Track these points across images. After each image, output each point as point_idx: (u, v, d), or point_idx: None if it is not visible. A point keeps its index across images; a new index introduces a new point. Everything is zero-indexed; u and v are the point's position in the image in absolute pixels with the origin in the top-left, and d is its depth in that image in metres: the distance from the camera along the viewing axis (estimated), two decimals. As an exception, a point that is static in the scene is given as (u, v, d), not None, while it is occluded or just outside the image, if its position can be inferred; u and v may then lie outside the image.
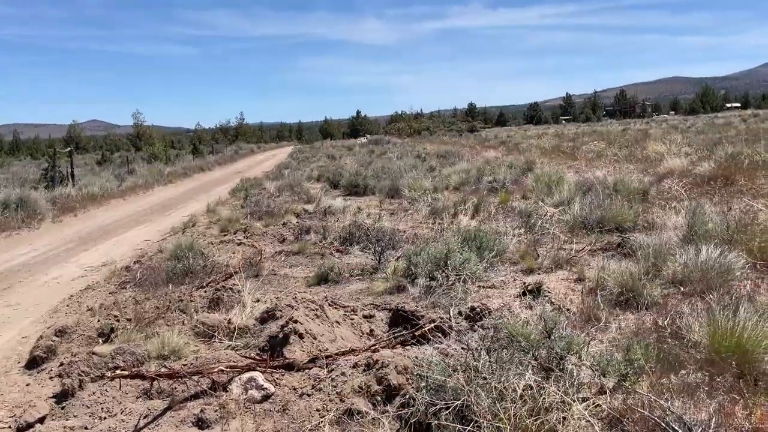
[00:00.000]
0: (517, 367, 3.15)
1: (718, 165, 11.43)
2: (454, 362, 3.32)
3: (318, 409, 3.75)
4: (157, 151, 31.79)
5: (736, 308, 3.93)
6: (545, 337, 3.58)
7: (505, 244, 7.04)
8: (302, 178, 17.65)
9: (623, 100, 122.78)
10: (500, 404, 2.89)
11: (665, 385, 3.24)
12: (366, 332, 5.15)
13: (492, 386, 2.93)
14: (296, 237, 8.76)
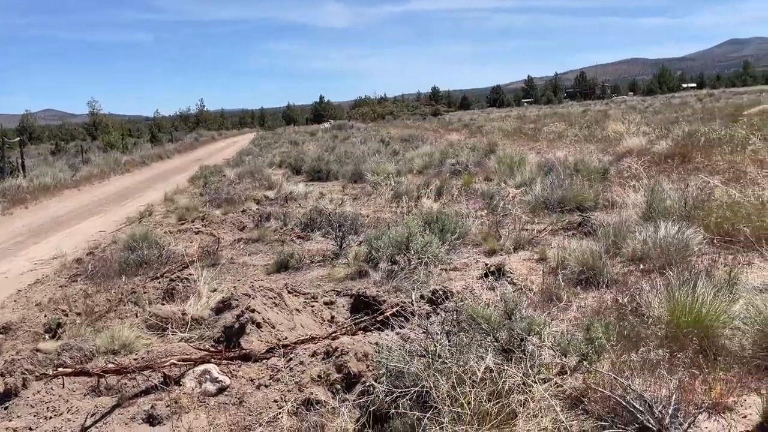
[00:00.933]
0: (477, 350, 3.08)
1: (675, 143, 11.60)
2: (413, 347, 3.23)
3: (276, 400, 3.63)
4: (114, 140, 30.88)
5: (695, 284, 3.93)
6: (506, 319, 3.52)
7: (467, 226, 6.98)
8: (263, 164, 17.34)
9: (583, 82, 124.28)
10: (460, 388, 2.81)
11: (626, 363, 3.21)
12: (327, 319, 5.04)
13: (452, 371, 2.84)
14: (256, 224, 8.57)
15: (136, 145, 35.11)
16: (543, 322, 3.45)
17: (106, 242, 8.71)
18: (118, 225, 10.86)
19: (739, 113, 25.72)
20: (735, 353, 3.56)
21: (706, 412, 3.04)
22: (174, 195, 13.12)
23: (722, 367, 3.35)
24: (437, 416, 2.80)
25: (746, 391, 3.21)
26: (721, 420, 3.00)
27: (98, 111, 73.93)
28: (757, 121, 19.91)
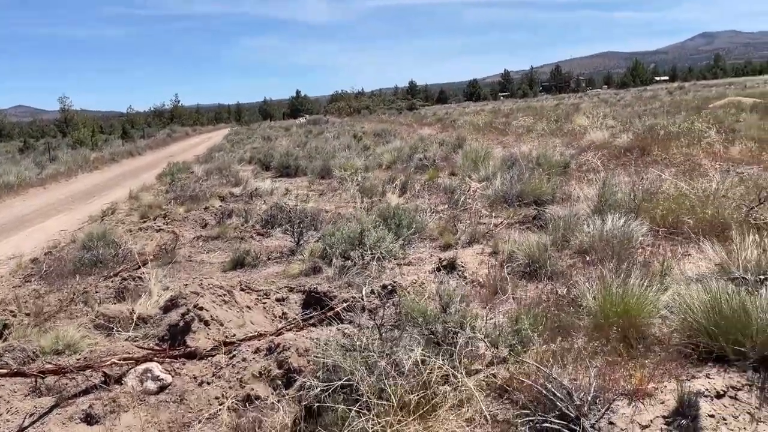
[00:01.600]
0: (407, 343, 3.16)
1: (635, 137, 11.80)
2: (346, 342, 3.30)
3: (217, 397, 3.68)
4: (83, 137, 30.44)
5: (628, 275, 4.06)
6: (442, 312, 3.60)
7: (424, 220, 7.06)
8: (233, 160, 17.26)
9: (558, 75, 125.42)
10: (385, 381, 2.89)
11: (551, 353, 3.32)
12: (278, 315, 5.09)
13: (378, 364, 2.92)
14: (217, 221, 8.56)
15: (107, 142, 34.65)
16: (475, 315, 3.54)
17: (66, 241, 8.64)
18: (81, 224, 10.76)
19: (705, 105, 26.24)
20: (661, 341, 3.70)
21: (626, 398, 3.17)
22: (140, 192, 13.03)
23: (644, 354, 3.48)
24: (364, 409, 2.88)
25: (667, 378, 3.34)
26: (640, 405, 3.12)
27: (69, 107, 72.79)
28: (721, 114, 20.36)
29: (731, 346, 3.40)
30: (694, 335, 3.56)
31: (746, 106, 23.06)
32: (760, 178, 7.39)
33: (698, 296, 3.63)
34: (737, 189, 6.81)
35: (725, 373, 3.37)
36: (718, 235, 5.49)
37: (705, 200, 6.14)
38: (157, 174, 16.79)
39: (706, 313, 3.54)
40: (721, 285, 3.67)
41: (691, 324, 3.59)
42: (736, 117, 18.64)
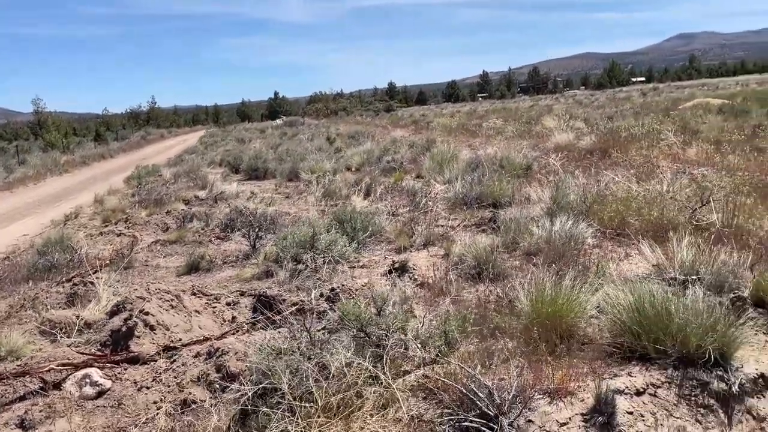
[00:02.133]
0: (339, 346, 3.23)
1: (598, 139, 12.01)
2: (278, 345, 3.36)
3: (155, 401, 3.73)
4: (54, 139, 30.08)
5: (563, 276, 4.17)
6: (377, 314, 3.68)
7: (380, 223, 7.14)
8: (203, 163, 17.21)
9: (536, 76, 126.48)
10: (311, 384, 2.96)
11: (478, 354, 3.41)
12: (228, 320, 5.13)
13: (302, 367, 2.99)
14: (178, 225, 8.56)
15: (80, 145, 34.26)
16: (407, 318, 3.63)
17: (25, 246, 8.58)
18: (44, 228, 10.67)
19: (675, 107, 26.71)
20: (590, 340, 3.82)
21: (548, 396, 3.27)
22: (106, 196, 12.94)
23: (571, 354, 3.59)
24: (289, 411, 2.95)
25: (591, 377, 3.45)
26: (560, 404, 3.22)
27: (43, 109, 71.88)
28: (688, 115, 20.76)
29: (653, 345, 3.52)
30: (620, 335, 3.68)
31: (713, 107, 23.54)
32: (707, 179, 7.59)
33: (624, 297, 3.75)
34: (686, 191, 7.00)
35: (647, 371, 3.49)
36: (661, 236, 5.65)
37: (652, 202, 6.30)
38: (125, 177, 16.67)
39: (631, 313, 3.66)
40: (646, 285, 3.79)
41: (617, 324, 3.72)
42: (702, 118, 19.04)
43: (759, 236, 5.26)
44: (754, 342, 3.79)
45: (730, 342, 3.44)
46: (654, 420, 3.22)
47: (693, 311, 3.53)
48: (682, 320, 3.49)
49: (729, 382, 3.35)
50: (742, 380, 3.39)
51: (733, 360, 3.49)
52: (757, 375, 3.45)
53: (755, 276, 4.17)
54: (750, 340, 3.80)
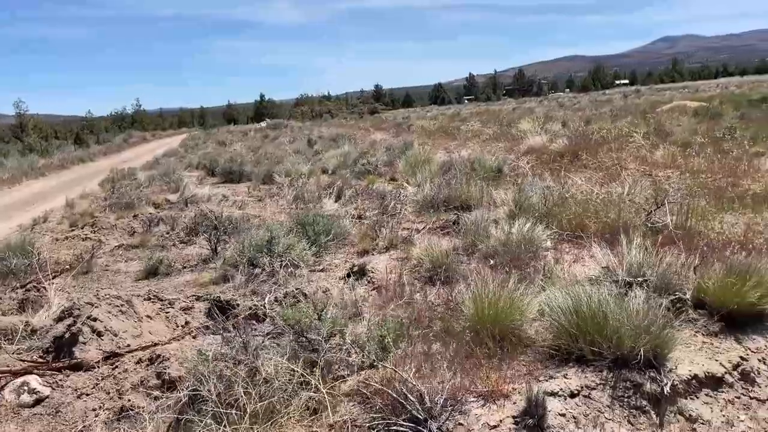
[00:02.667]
0: (269, 352, 3.22)
1: (569, 141, 12.10)
2: (214, 351, 3.36)
3: (94, 409, 3.70)
4: (34, 142, 29.78)
5: (506, 279, 4.20)
6: (317, 319, 3.68)
7: (344, 226, 7.14)
8: (180, 166, 17.11)
9: (522, 79, 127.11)
10: (239, 390, 2.96)
11: (415, 357, 3.43)
12: (181, 325, 5.09)
13: (230, 373, 2.98)
14: (144, 229, 8.51)
15: (60, 148, 33.92)
16: (345, 323, 3.63)
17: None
18: (12, 232, 10.55)
19: (653, 110, 26.98)
20: (532, 343, 3.84)
21: (482, 399, 3.29)
22: (78, 200, 12.82)
23: (511, 356, 3.62)
24: (215, 418, 2.94)
25: (528, 379, 3.48)
26: (494, 406, 3.25)
27: (25, 112, 71.07)
28: (665, 117, 20.98)
29: (589, 347, 3.56)
30: (559, 337, 3.71)
31: (690, 110, 23.82)
32: (669, 181, 7.68)
33: (562, 299, 3.78)
34: (645, 193, 7.07)
35: (582, 373, 3.52)
36: (617, 238, 5.70)
37: (609, 204, 6.35)
38: (100, 181, 16.54)
39: (568, 315, 3.69)
40: (584, 288, 3.83)
41: (556, 326, 3.75)
42: (677, 121, 19.24)
43: (709, 238, 5.32)
44: (691, 343, 3.84)
45: (663, 343, 3.48)
46: (586, 422, 3.24)
47: (628, 313, 3.57)
48: (617, 322, 3.53)
49: (661, 383, 3.39)
50: (675, 381, 3.43)
51: (667, 361, 3.54)
52: (691, 376, 3.50)
53: (697, 278, 4.22)
54: (688, 342, 3.86)
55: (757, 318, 3.99)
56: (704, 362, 3.60)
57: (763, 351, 3.80)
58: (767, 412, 3.45)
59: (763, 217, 5.61)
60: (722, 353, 3.71)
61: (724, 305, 3.97)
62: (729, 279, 3.97)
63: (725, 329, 3.94)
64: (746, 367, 3.62)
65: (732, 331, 3.94)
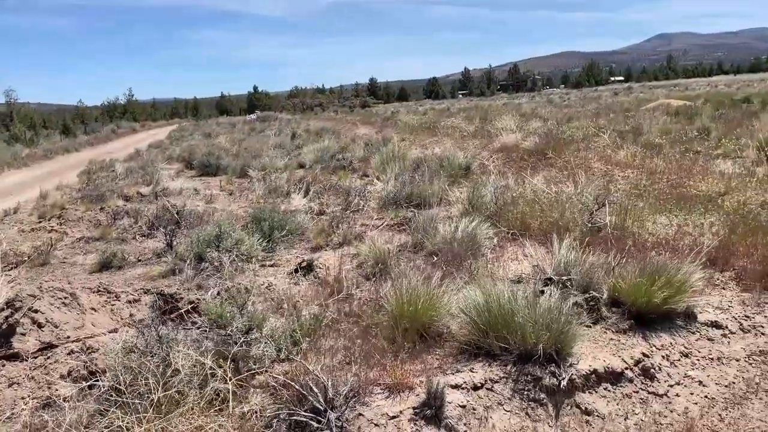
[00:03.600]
0: (179, 344, 3.37)
1: (540, 140, 12.25)
2: (132, 344, 3.50)
3: (23, 397, 3.84)
4: (19, 132, 29.76)
5: (430, 276, 4.36)
6: (239, 314, 3.83)
7: (300, 222, 7.28)
8: (160, 158, 17.19)
9: (516, 74, 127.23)
10: (150, 381, 3.10)
11: (332, 351, 3.58)
12: (125, 318, 5.24)
13: (137, 364, 3.12)
14: (109, 223, 8.62)
15: (47, 137, 33.88)
16: (263, 318, 3.78)
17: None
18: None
19: (637, 108, 27.17)
20: (452, 338, 4.00)
21: (387, 391, 3.45)
22: (53, 191, 12.92)
23: (426, 350, 3.78)
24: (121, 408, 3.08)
25: (436, 372, 3.64)
26: (397, 398, 3.40)
27: (15, 100, 70.83)
28: (644, 116, 21.15)
29: (496, 343, 3.72)
30: (472, 333, 3.87)
31: (672, 108, 24.02)
32: (627, 180, 7.85)
33: (476, 297, 3.94)
34: (597, 192, 7.22)
35: (489, 367, 3.69)
36: (559, 236, 5.87)
37: (555, 204, 6.51)
38: (79, 172, 16.60)
39: (482, 312, 3.85)
40: (497, 287, 3.98)
41: (471, 322, 3.91)
42: (657, 120, 19.44)
43: (642, 238, 5.49)
44: (599, 340, 4.01)
45: (564, 339, 3.64)
46: (484, 413, 3.41)
47: (533, 311, 3.73)
48: (522, 319, 3.69)
49: (559, 377, 3.55)
50: (573, 376, 3.59)
51: (570, 356, 3.71)
52: (590, 371, 3.66)
53: (613, 278, 4.38)
54: (597, 338, 4.03)
55: (665, 316, 4.16)
56: (607, 358, 3.77)
57: (667, 348, 3.97)
58: (662, 406, 3.62)
59: (692, 219, 5.77)
60: (626, 349, 3.87)
61: (634, 304, 4.14)
62: (639, 279, 4.13)
63: (635, 327, 4.12)
64: (647, 363, 3.79)
65: (641, 328, 4.11)
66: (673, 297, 4.08)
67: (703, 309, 4.36)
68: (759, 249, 4.86)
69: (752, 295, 4.52)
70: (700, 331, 4.18)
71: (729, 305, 4.45)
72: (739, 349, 4.03)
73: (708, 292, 4.59)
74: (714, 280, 4.82)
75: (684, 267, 4.29)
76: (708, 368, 3.88)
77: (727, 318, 4.30)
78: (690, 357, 3.95)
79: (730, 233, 5.18)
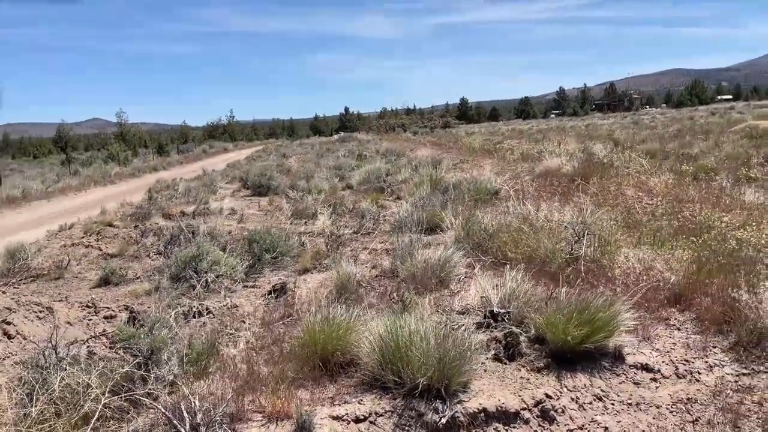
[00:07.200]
0: (78, 363, 3.58)
1: (579, 165, 11.82)
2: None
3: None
4: (114, 151, 32.29)
5: (350, 306, 4.36)
6: (149, 334, 4.01)
7: (291, 245, 7.45)
8: (222, 178, 18.06)
9: (612, 93, 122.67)
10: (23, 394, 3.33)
11: (229, 376, 3.69)
12: (99, 333, 5.59)
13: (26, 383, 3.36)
14: (137, 240, 9.19)
15: (144, 156, 36.43)
16: (164, 339, 3.93)
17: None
18: (48, 237, 11.63)
19: (724, 130, 25.53)
20: (358, 368, 3.98)
21: (266, 419, 3.49)
22: (119, 208, 13.92)
23: (330, 380, 3.80)
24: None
25: (322, 402, 3.64)
26: (272, 426, 3.44)
27: (126, 121, 76.95)
28: (722, 139, 19.86)
29: (391, 376, 3.67)
30: (374, 364, 3.84)
31: (759, 131, 22.37)
32: (632, 209, 7.44)
33: (379, 329, 3.91)
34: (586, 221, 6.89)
35: (379, 399, 3.64)
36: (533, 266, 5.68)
37: (538, 233, 6.28)
38: (147, 190, 17.75)
39: (381, 345, 3.82)
40: (402, 320, 3.92)
41: (375, 353, 3.87)
42: (735, 144, 18.22)
43: (613, 272, 5.19)
44: (509, 377, 3.86)
45: (452, 375, 3.54)
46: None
47: (429, 346, 3.65)
48: (420, 352, 3.62)
49: (442, 414, 3.45)
50: (457, 413, 3.48)
51: (463, 393, 3.60)
52: (479, 409, 3.53)
53: (540, 314, 4.19)
54: (505, 375, 3.88)
55: (589, 356, 3.93)
56: (505, 396, 3.61)
57: (580, 390, 3.74)
58: (555, 452, 3.42)
59: (663, 253, 5.38)
60: (530, 389, 3.69)
61: (553, 342, 3.95)
62: (557, 315, 3.94)
63: (552, 365, 3.91)
64: (549, 404, 3.59)
65: (560, 368, 3.90)
66: (592, 336, 3.85)
67: (638, 350, 4.07)
68: (723, 289, 4.47)
69: (701, 338, 4.17)
70: (627, 373, 3.90)
71: (672, 347, 4.13)
72: (666, 395, 3.73)
73: (655, 332, 4.28)
74: (670, 320, 4.49)
75: (616, 305, 4.04)
76: (621, 414, 3.61)
77: (663, 361, 3.99)
78: (604, 401, 3.70)
79: (697, 270, 4.78)
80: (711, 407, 3.60)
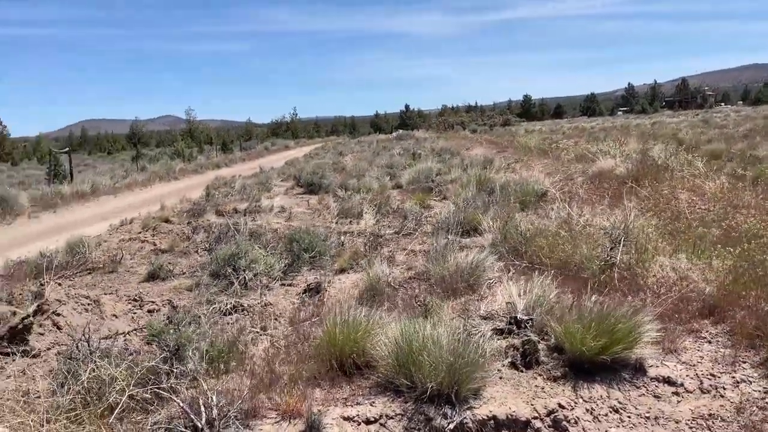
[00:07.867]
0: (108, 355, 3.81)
1: (633, 166, 11.47)
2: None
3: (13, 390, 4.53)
4: (180, 148, 33.54)
5: (371, 309, 4.44)
6: (176, 331, 4.21)
7: (329, 245, 7.58)
8: (275, 176, 18.49)
9: (684, 89, 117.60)
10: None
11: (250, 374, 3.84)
12: (141, 326, 5.88)
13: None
14: (189, 236, 9.56)
15: (204, 153, 37.67)
16: (191, 336, 4.11)
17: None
18: (110, 230, 12.25)
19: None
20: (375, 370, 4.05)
21: (280, 417, 3.62)
22: (179, 204, 14.50)
23: (347, 380, 3.90)
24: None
25: (336, 403, 3.73)
26: (284, 424, 3.56)
27: (194, 118, 79.82)
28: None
29: (403, 380, 3.72)
30: (389, 367, 3.90)
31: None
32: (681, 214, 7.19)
33: (395, 333, 3.96)
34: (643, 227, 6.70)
35: (391, 402, 3.70)
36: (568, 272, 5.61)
37: (574, 238, 6.17)
38: (206, 186, 18.36)
39: (396, 348, 3.88)
40: (418, 323, 3.96)
41: (389, 358, 3.93)
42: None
43: (647, 280, 5.05)
44: (523, 385, 3.85)
45: (463, 381, 3.56)
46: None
47: (441, 351, 3.68)
48: (433, 357, 3.67)
49: (450, 420, 3.48)
50: (466, 419, 3.50)
51: (475, 399, 3.62)
52: (489, 416, 3.54)
53: (561, 323, 4.13)
54: (522, 383, 3.87)
55: (608, 367, 3.86)
56: (516, 405, 3.60)
57: (596, 401, 3.68)
58: (565, 463, 3.39)
59: (700, 262, 5.18)
60: (543, 398, 3.66)
61: (571, 351, 3.90)
62: (576, 325, 3.88)
63: (570, 375, 3.87)
64: (561, 414, 3.56)
65: (579, 377, 3.85)
66: (610, 347, 3.78)
67: (662, 363, 3.96)
68: (759, 301, 4.29)
69: (731, 352, 4.02)
70: (648, 386, 3.81)
71: (699, 361, 4.00)
72: (686, 410, 3.62)
73: (682, 345, 4.15)
74: (701, 333, 4.34)
75: (639, 316, 3.95)
76: (638, 427, 3.54)
77: (688, 375, 3.87)
78: (621, 413, 3.63)
79: (733, 281, 4.60)
80: (734, 424, 3.48)
